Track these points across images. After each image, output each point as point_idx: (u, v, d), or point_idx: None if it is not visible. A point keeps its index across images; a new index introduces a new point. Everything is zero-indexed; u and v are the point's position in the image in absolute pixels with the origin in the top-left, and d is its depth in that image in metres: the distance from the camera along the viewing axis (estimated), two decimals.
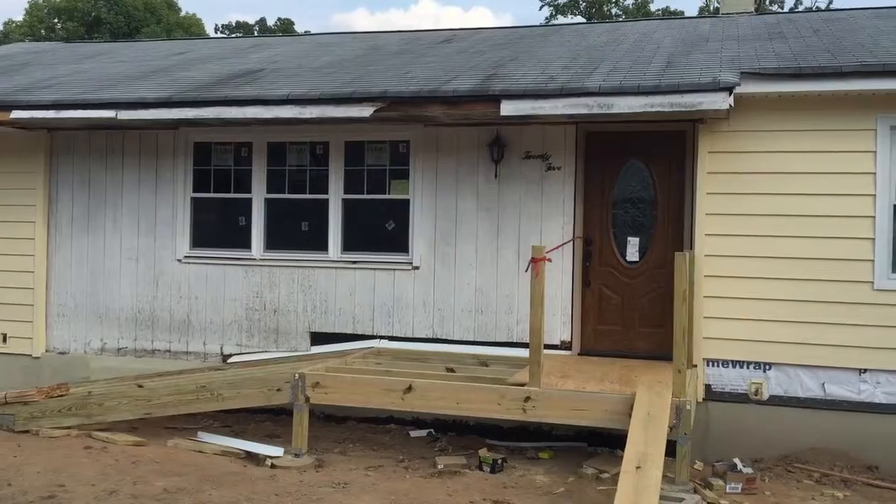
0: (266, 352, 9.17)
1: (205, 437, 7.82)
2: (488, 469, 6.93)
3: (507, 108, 7.75)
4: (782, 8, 27.63)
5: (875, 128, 7.46)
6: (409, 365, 8.05)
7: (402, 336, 8.86)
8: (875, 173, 7.45)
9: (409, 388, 7.06)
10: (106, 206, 9.80)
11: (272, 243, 9.35)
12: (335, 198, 9.15)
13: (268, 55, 11.51)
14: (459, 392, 6.98)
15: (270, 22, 48.33)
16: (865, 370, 7.45)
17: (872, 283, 7.42)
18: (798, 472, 7.15)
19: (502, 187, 8.70)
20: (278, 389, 7.65)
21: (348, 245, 9.13)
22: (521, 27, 13.33)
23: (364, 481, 6.69)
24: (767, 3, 27.82)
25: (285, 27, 47.12)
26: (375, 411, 8.15)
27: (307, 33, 22.55)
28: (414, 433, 8.27)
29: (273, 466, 7.08)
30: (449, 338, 8.73)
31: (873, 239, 7.43)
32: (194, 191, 9.59)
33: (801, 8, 26.75)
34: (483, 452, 7.19)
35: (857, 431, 7.40)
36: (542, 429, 7.96)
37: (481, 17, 49.37)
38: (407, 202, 8.96)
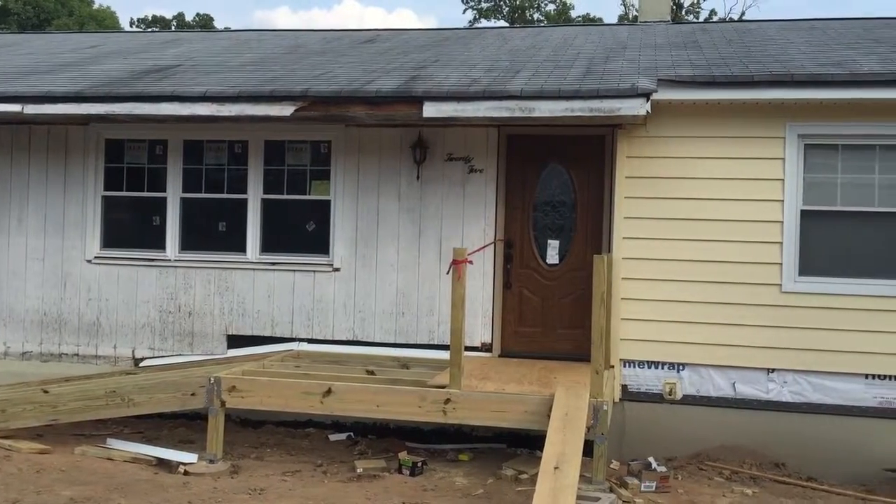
0: (180, 355, 8.91)
1: (114, 443, 7.55)
2: (408, 472, 6.89)
3: (430, 110, 7.74)
4: (698, 18, 28.48)
5: (784, 135, 7.72)
6: (328, 368, 7.94)
7: (322, 338, 8.74)
8: (783, 179, 7.71)
9: (329, 392, 6.96)
10: (11, 205, 9.36)
11: (188, 244, 9.10)
12: (254, 198, 8.97)
13: (185, 51, 11.22)
14: (379, 395, 6.92)
15: (189, 17, 47.27)
16: (773, 370, 7.71)
17: (780, 285, 7.69)
18: (709, 469, 7.34)
19: (424, 189, 8.68)
20: (193, 394, 7.44)
21: (267, 246, 8.96)
22: (444, 29, 13.36)
23: (281, 487, 6.56)
24: (684, 13, 28.64)
25: (204, 23, 46.14)
26: (294, 415, 8.02)
27: (227, 30, 22.10)
28: (333, 437, 8.16)
29: (186, 473, 6.88)
30: (370, 340, 8.66)
31: (781, 243, 7.69)
32: (106, 189, 9.26)
33: (715, 18, 27.62)
34: (403, 455, 7.15)
35: (766, 429, 7.64)
36: (462, 430, 7.97)
37: (405, 19, 49.40)
38: (328, 203, 8.85)
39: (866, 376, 7.54)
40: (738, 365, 7.76)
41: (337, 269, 8.76)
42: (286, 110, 7.98)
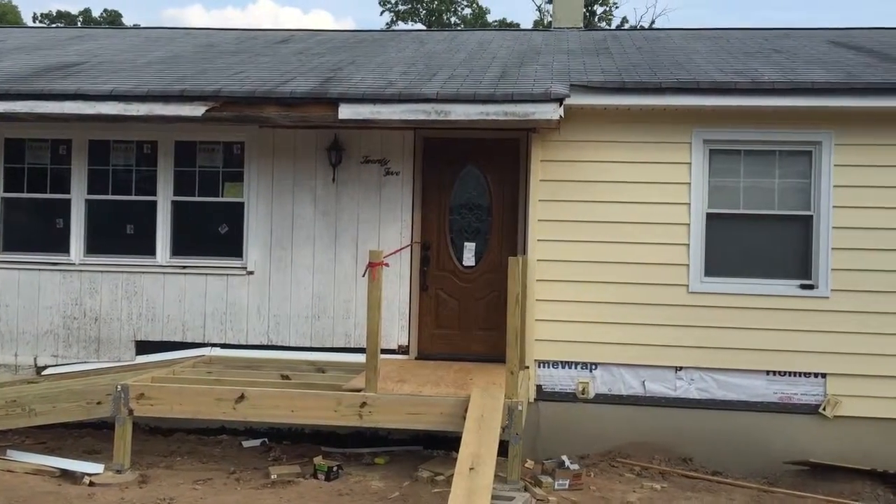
0: (86, 362, 8.60)
1: (15, 455, 7.22)
2: (323, 477, 6.83)
3: (346, 112, 7.70)
4: (609, 25, 29.16)
5: (690, 141, 7.98)
6: (242, 373, 7.80)
7: (236, 343, 8.59)
8: (690, 183, 7.96)
9: (242, 397, 6.83)
10: None
11: (94, 247, 8.80)
12: (164, 200, 8.74)
13: (91, 48, 10.85)
14: (294, 399, 6.83)
15: (96, 13, 45.65)
16: (681, 368, 7.95)
17: (688, 286, 7.94)
18: (621, 466, 7.51)
19: (341, 191, 8.62)
20: (99, 402, 7.20)
21: (178, 249, 8.74)
22: (361, 31, 13.30)
23: (191, 496, 6.40)
24: (596, 20, 29.29)
25: (112, 19, 44.64)
26: (206, 422, 7.85)
27: (136, 27, 21.47)
28: (247, 443, 8.02)
29: (92, 484, 6.64)
30: (285, 344, 8.55)
31: (688, 245, 7.94)
32: (6, 191, 8.89)
33: (626, 26, 28.33)
34: (318, 460, 7.08)
35: (674, 426, 7.87)
36: (379, 434, 7.94)
37: (321, 20, 48.92)
38: (241, 205, 8.69)
39: (767, 373, 7.86)
40: (648, 363, 7.97)
41: (251, 273, 8.61)
42: (197, 110, 7.80)
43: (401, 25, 30.33)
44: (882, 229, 7.71)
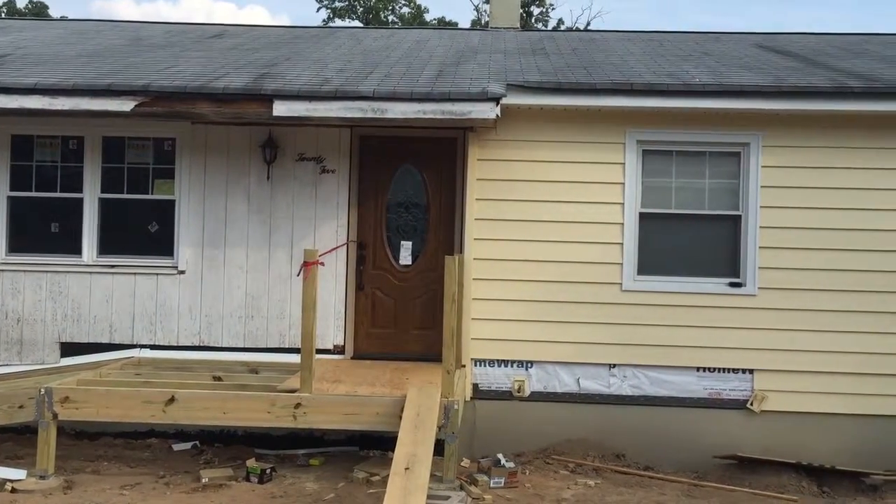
0: (7, 365, 8.29)
1: None
2: (256, 479, 6.71)
3: (280, 109, 7.58)
4: (546, 26, 29.45)
5: (624, 141, 8.09)
6: (172, 375, 7.61)
7: (166, 344, 8.39)
8: (624, 183, 8.08)
9: (172, 400, 6.66)
10: None
11: (16, 246, 8.49)
12: (91, 197, 8.48)
13: (14, 39, 10.48)
14: (226, 401, 6.69)
15: (21, 4, 44.09)
16: (615, 365, 8.06)
17: (621, 284, 8.05)
18: (556, 463, 7.58)
19: (275, 189, 8.49)
20: (21, 406, 6.95)
21: (106, 248, 8.50)
22: (296, 27, 13.14)
23: (118, 501, 6.22)
24: (533, 21, 29.54)
25: (38, 10, 43.16)
26: (135, 425, 7.64)
27: (63, 19, 20.80)
28: (177, 446, 7.83)
29: (14, 491, 6.40)
30: (217, 345, 8.38)
31: (622, 244, 8.05)
32: None
33: (563, 28, 28.65)
34: (251, 462, 6.95)
35: (608, 422, 7.98)
36: (314, 435, 7.85)
37: (257, 16, 48.13)
38: (172, 203, 8.49)
39: (698, 369, 8.02)
40: (582, 361, 8.06)
41: (182, 272, 8.42)
42: (126, 105, 7.59)
43: (338, 22, 30.06)
44: (806, 229, 7.93)
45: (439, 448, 6.42)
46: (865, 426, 7.84)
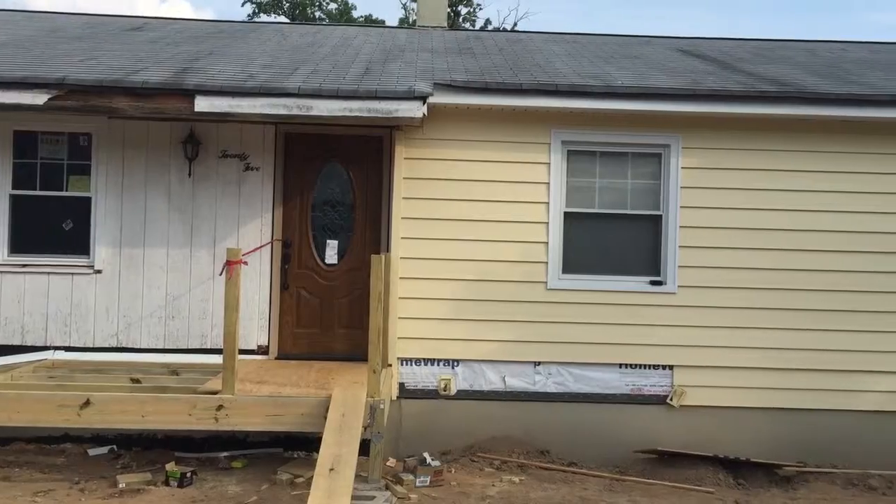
0: None
1: None
2: (176, 483, 6.54)
3: (202, 105, 7.42)
4: (473, 26, 29.59)
5: (549, 141, 8.18)
6: (88, 377, 7.35)
7: (83, 346, 8.13)
8: (549, 183, 8.17)
9: (87, 403, 6.43)
10: None
11: None
12: (1, 194, 8.15)
13: None
14: (145, 404, 6.50)
15: None
16: (540, 363, 8.15)
17: (546, 283, 8.14)
18: (481, 460, 7.62)
19: (197, 187, 8.31)
20: None
21: (17, 247, 8.18)
22: (220, 21, 12.90)
23: None
24: (461, 20, 29.66)
25: None
26: (49, 430, 7.37)
27: None
28: (93, 451, 7.57)
29: None
30: (136, 346, 8.16)
31: (547, 243, 8.15)
32: None
33: (490, 28, 28.83)
34: (171, 466, 6.77)
35: (533, 419, 8.06)
36: (237, 437, 7.70)
37: (180, 9, 46.84)
38: (88, 200, 8.23)
39: (620, 366, 8.17)
40: (508, 359, 8.12)
41: (98, 272, 8.16)
42: (39, 98, 7.31)
43: (263, 18, 29.59)
44: (724, 228, 8.17)
45: (365, 449, 6.39)
46: (778, 419, 8.13)
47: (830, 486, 7.52)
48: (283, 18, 29.34)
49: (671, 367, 8.17)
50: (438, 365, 8.12)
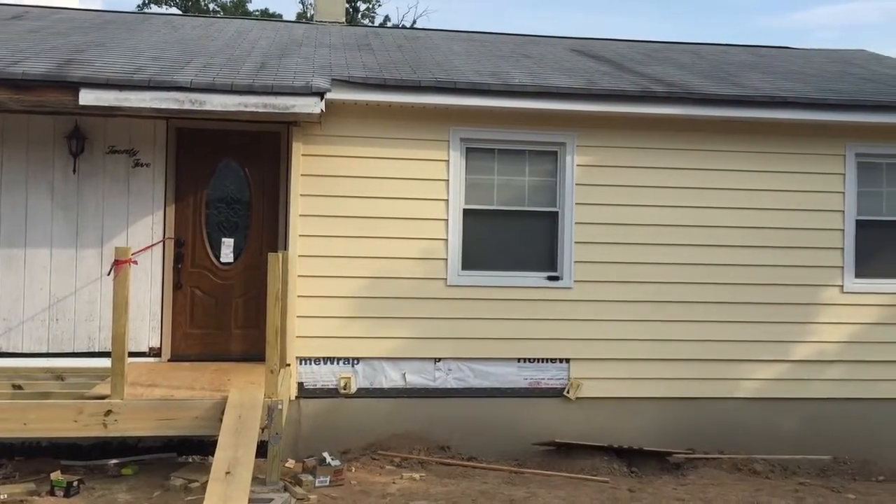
0: None
1: None
2: (62, 493, 6.25)
3: (88, 98, 7.11)
4: (372, 22, 29.45)
5: (448, 139, 8.22)
6: None
7: None
8: (448, 180, 8.21)
9: None
10: None
11: None
12: None
13: None
14: (27, 411, 6.18)
15: None
16: (440, 359, 8.19)
17: (446, 279, 8.18)
18: (382, 458, 7.60)
19: (83, 184, 7.97)
20: None
21: None
22: (108, 12, 12.38)
23: None
24: (359, 16, 29.47)
25: None
26: None
27: None
28: None
29: None
30: (17, 351, 7.78)
31: (447, 239, 8.19)
32: None
33: (389, 24, 28.76)
34: (56, 475, 6.46)
35: (433, 415, 8.10)
36: (127, 443, 7.42)
37: None
38: None
39: (519, 360, 8.30)
40: (408, 356, 8.12)
41: None
42: None
43: (154, 9, 28.61)
44: (616, 224, 8.40)
45: (264, 450, 6.28)
46: (669, 409, 8.42)
47: (717, 471, 7.86)
48: (175, 10, 28.44)
49: (568, 361, 8.35)
50: (338, 363, 8.05)
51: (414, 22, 29.85)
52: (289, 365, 7.72)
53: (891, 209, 8.85)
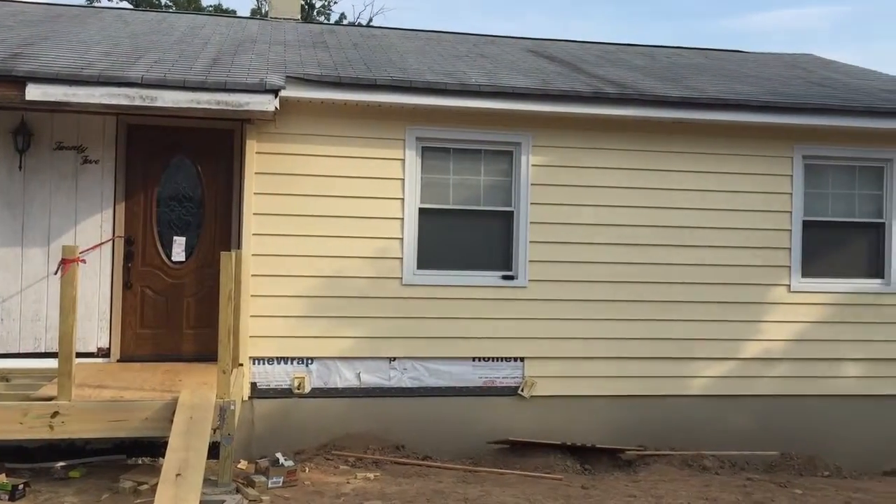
0: None
1: None
2: (7, 496, 6.09)
3: (35, 93, 6.94)
4: (328, 20, 29.25)
5: (404, 138, 8.21)
6: None
7: None
8: (404, 179, 8.20)
9: None
10: None
11: None
12: None
13: None
14: None
15: None
16: (395, 358, 8.17)
17: (401, 278, 8.17)
18: (336, 458, 7.56)
19: (29, 181, 7.78)
20: None
21: None
22: (56, 5, 12.08)
23: None
24: (315, 13, 29.26)
25: None
26: None
27: None
28: None
29: None
30: None
31: (402, 239, 8.17)
32: None
33: (345, 22, 28.60)
34: (0, 478, 6.31)
35: (388, 415, 8.08)
36: (75, 445, 7.28)
37: None
38: None
39: (473, 359, 8.33)
40: (363, 356, 8.09)
41: None
42: None
43: (105, 3, 28.05)
44: (571, 224, 8.47)
45: (216, 451, 6.20)
46: (621, 406, 8.52)
47: (668, 467, 7.98)
48: (126, 4, 27.91)
49: (522, 360, 8.40)
50: (292, 363, 7.99)
51: (370, 20, 29.73)
52: (242, 365, 7.64)
53: (836, 210, 9.09)
